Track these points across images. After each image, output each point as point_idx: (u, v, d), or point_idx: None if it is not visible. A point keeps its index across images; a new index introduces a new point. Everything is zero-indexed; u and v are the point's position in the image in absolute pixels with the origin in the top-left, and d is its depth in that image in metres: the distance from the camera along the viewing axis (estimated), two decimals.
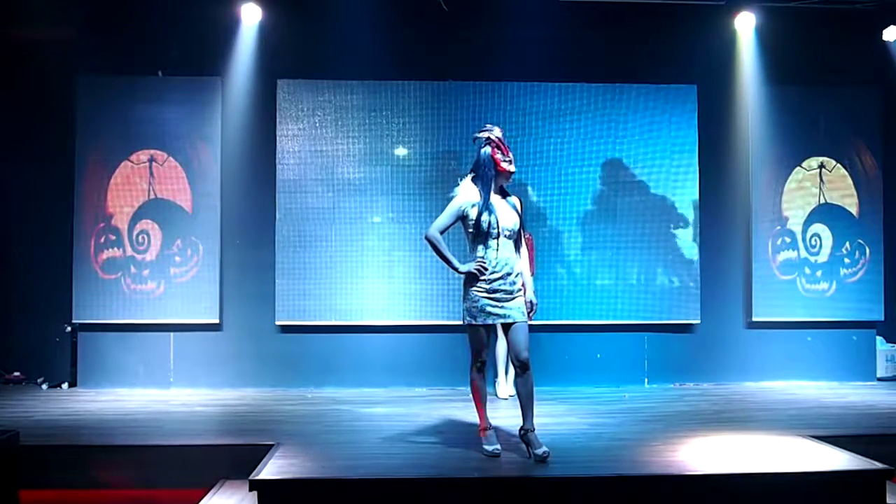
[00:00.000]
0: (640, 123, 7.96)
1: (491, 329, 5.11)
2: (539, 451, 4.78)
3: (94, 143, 7.72)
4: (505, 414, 6.57)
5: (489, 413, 5.19)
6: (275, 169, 7.79)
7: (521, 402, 4.95)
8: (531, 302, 5.09)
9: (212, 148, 7.82)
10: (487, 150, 5.01)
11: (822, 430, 5.60)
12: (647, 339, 8.01)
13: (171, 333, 7.79)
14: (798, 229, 8.17)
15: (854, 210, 8.20)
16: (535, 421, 4.98)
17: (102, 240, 7.73)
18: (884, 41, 8.08)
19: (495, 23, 7.69)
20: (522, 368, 4.95)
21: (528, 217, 7.54)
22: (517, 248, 5.07)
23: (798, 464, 4.68)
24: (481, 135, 5.07)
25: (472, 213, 5.00)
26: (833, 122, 8.19)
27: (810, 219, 8.18)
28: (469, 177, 5.14)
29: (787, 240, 8.15)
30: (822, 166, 8.19)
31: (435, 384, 7.77)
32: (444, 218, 5.11)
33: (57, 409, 6.68)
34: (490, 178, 5.02)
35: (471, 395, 5.16)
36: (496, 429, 5.24)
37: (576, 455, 5.27)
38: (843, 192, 8.20)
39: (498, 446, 5.00)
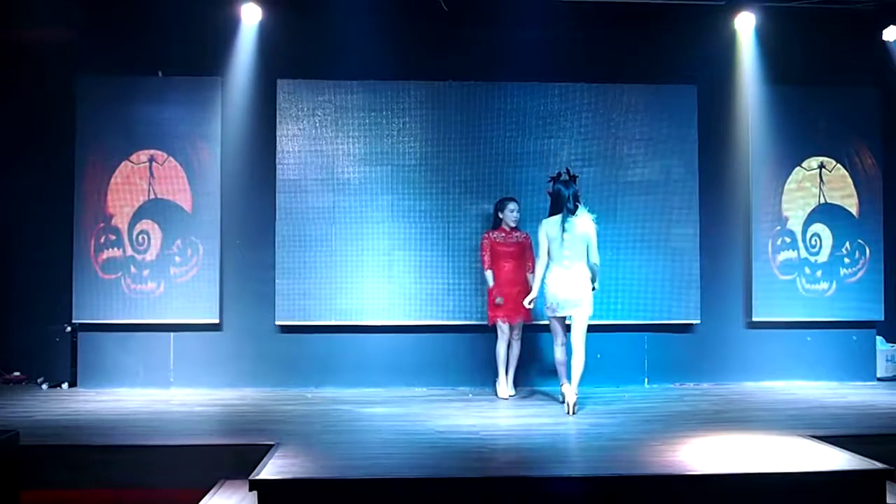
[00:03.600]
0: (640, 123, 7.95)
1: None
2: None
3: (94, 144, 7.71)
4: (505, 413, 6.59)
5: (490, 412, 5.21)
6: (275, 169, 7.79)
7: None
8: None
9: (212, 148, 7.82)
10: None
11: (822, 430, 5.60)
12: (647, 339, 8.01)
13: (171, 333, 7.79)
14: (798, 229, 8.16)
15: (854, 210, 8.20)
16: (535, 420, 5.92)
17: (102, 240, 7.72)
18: (884, 41, 8.07)
19: (495, 23, 7.69)
20: None
21: (528, 217, 7.56)
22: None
23: (798, 464, 4.68)
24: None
25: None
26: (833, 122, 8.18)
27: (810, 219, 8.18)
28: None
29: (787, 240, 8.15)
30: (822, 166, 8.19)
31: (435, 384, 7.77)
32: None
33: (57, 409, 6.68)
34: None
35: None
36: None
37: (576, 455, 5.28)
38: (843, 192, 8.20)
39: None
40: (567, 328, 6.61)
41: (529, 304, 6.70)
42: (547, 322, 7.25)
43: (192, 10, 7.42)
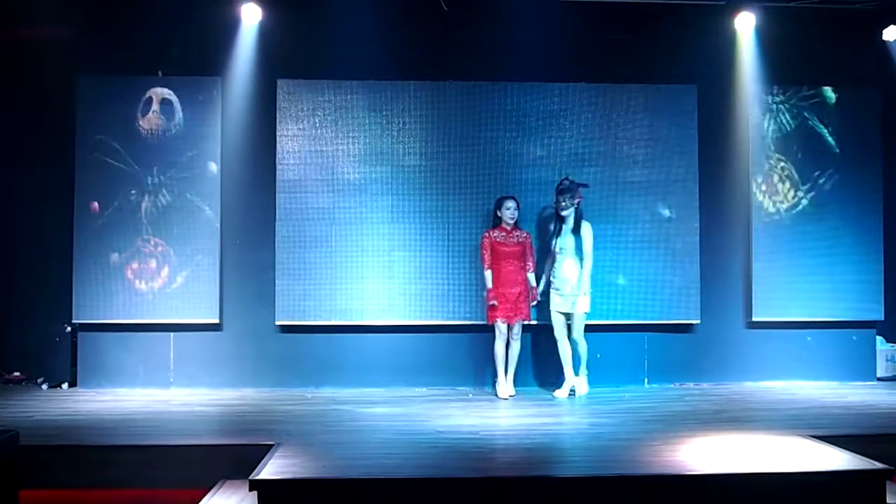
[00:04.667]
0: (640, 123, 7.94)
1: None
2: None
3: (94, 143, 7.71)
4: (505, 413, 6.59)
5: (490, 412, 5.20)
6: (275, 169, 7.79)
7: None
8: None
9: (212, 148, 7.81)
10: None
11: (822, 430, 5.60)
12: (647, 339, 8.01)
13: (171, 333, 7.79)
14: (798, 229, 8.15)
15: (854, 209, 8.18)
16: (535, 420, 6.04)
17: None
18: (884, 41, 8.07)
19: (495, 23, 7.68)
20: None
21: (529, 217, 7.56)
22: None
23: (798, 464, 4.68)
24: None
25: None
26: (833, 121, 8.17)
27: (810, 218, 8.16)
28: None
29: (788, 240, 8.13)
30: (822, 166, 8.17)
31: (435, 384, 7.77)
32: None
33: (57, 409, 6.68)
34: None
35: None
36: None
37: (576, 455, 5.28)
38: (843, 191, 8.18)
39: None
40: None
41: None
42: (546, 322, 7.32)
43: (192, 10, 7.42)
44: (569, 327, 7.23)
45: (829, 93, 8.17)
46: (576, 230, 7.18)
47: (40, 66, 7.55)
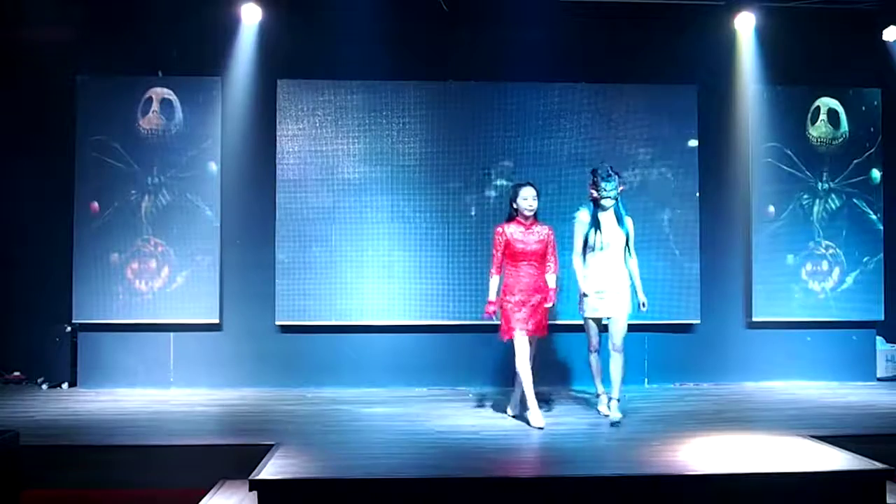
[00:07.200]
0: (640, 123, 7.95)
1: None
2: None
3: (94, 143, 7.71)
4: (505, 414, 6.58)
5: (490, 412, 5.17)
6: (275, 169, 7.79)
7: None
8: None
9: (212, 148, 7.81)
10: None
11: (822, 430, 5.61)
12: (647, 339, 8.01)
13: (171, 333, 7.79)
14: (798, 229, 8.14)
15: (855, 209, 8.18)
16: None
17: None
18: (884, 41, 8.07)
19: (495, 23, 7.69)
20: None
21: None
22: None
23: (798, 464, 4.69)
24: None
25: None
26: (833, 122, 8.18)
27: (810, 218, 8.16)
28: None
29: (788, 240, 8.13)
30: (822, 166, 8.18)
31: (435, 384, 7.77)
32: None
33: (57, 409, 6.69)
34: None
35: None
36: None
37: (576, 455, 5.27)
38: (842, 191, 8.19)
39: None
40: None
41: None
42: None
43: (192, 10, 7.43)
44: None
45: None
46: (620, 223, 6.20)
47: (40, 66, 7.57)
